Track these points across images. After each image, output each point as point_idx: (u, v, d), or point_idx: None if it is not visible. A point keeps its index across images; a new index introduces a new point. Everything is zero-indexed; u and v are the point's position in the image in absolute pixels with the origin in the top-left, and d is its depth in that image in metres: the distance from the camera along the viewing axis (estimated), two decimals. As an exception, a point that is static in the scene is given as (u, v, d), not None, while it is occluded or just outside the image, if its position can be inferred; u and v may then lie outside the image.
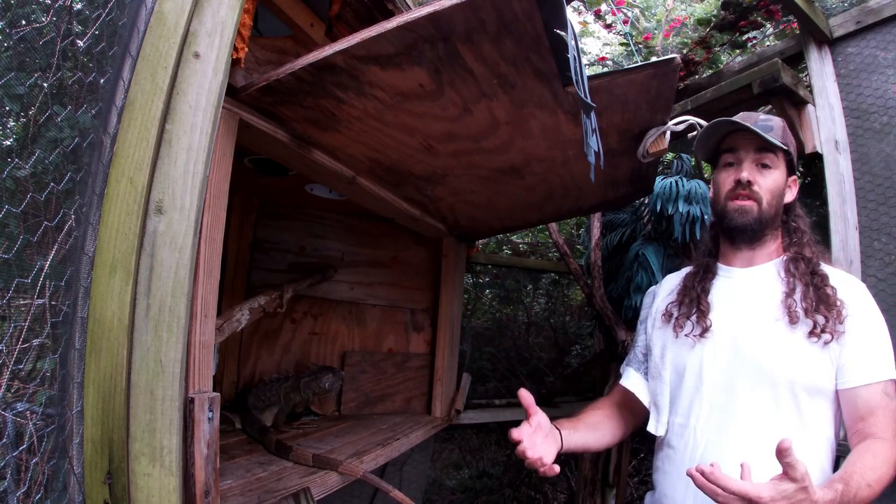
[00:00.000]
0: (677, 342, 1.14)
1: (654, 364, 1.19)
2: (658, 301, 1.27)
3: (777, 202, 1.13)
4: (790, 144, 1.14)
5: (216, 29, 0.82)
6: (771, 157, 1.12)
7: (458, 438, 3.78)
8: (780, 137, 1.11)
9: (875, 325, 1.03)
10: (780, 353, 1.02)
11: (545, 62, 0.85)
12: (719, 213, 1.17)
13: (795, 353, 1.01)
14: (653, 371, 1.20)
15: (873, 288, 1.72)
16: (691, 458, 1.05)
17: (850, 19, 1.86)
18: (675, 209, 2.10)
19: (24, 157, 0.65)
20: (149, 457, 0.72)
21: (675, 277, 1.30)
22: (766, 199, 1.11)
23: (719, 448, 1.03)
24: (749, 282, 1.14)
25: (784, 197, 1.15)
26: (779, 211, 1.14)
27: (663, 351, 1.17)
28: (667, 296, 1.25)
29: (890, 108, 1.75)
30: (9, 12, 0.65)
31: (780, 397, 1.00)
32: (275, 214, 1.96)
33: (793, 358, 1.01)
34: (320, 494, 1.19)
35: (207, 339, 0.85)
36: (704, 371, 1.07)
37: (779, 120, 1.15)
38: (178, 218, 0.77)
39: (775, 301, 1.07)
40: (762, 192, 1.11)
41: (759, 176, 1.12)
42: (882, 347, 1.01)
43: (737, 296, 1.13)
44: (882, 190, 1.75)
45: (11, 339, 0.64)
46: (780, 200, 1.14)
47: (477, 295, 3.79)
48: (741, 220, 1.12)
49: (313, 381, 1.74)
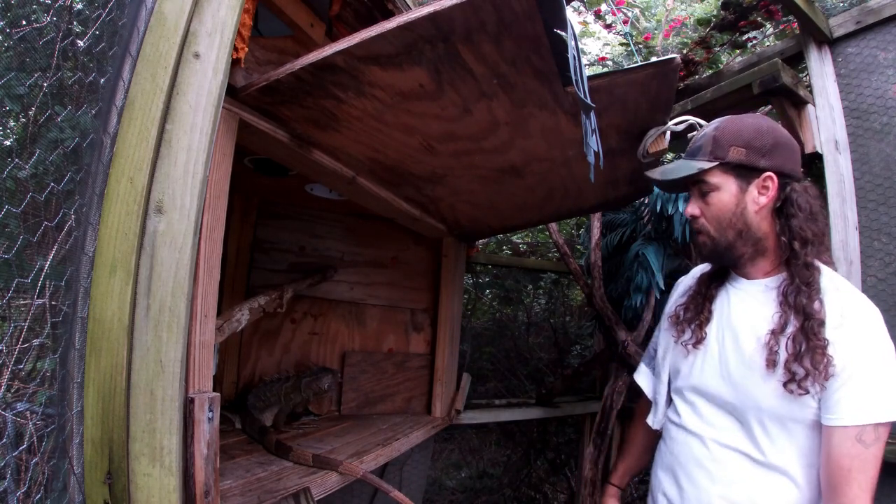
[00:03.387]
0: (676, 347, 1.15)
1: (658, 362, 1.22)
2: (671, 301, 1.28)
3: (731, 223, 1.01)
4: (729, 150, 0.99)
5: (216, 29, 0.82)
6: (707, 182, 1.02)
7: (458, 438, 3.78)
8: (708, 154, 1.01)
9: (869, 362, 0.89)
10: (750, 385, 0.97)
11: (545, 62, 0.85)
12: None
13: (766, 390, 0.95)
14: (656, 368, 1.23)
15: (873, 288, 1.72)
16: (671, 454, 1.10)
17: (849, 19, 1.86)
18: (675, 209, 2.10)
19: (24, 158, 0.65)
20: (149, 457, 0.72)
21: (690, 278, 1.26)
22: (714, 228, 1.03)
23: (688, 455, 1.06)
24: (747, 297, 1.06)
25: (746, 210, 1.00)
26: (743, 230, 1.01)
27: (665, 352, 1.19)
28: (679, 297, 1.23)
29: (890, 108, 1.75)
30: (9, 12, 0.65)
31: (746, 423, 0.98)
32: (275, 214, 1.96)
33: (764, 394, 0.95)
34: (320, 494, 1.19)
35: (207, 339, 0.85)
36: (693, 380, 1.08)
37: (711, 130, 1.03)
38: (178, 218, 0.77)
39: (763, 329, 0.98)
40: (708, 224, 1.04)
41: (704, 205, 1.04)
42: (871, 386, 0.88)
43: (734, 310, 1.06)
44: (882, 190, 1.75)
45: (11, 339, 0.64)
46: (738, 218, 1.00)
47: (477, 295, 3.79)
48: (703, 254, 1.09)
49: (314, 381, 1.74)
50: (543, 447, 3.59)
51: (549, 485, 3.61)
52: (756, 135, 0.99)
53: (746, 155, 0.99)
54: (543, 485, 3.57)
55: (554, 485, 3.65)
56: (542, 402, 2.71)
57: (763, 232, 1.01)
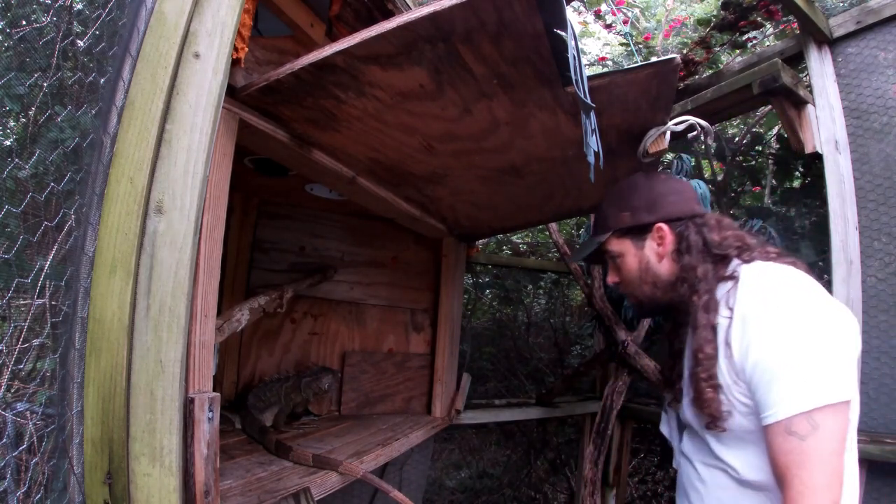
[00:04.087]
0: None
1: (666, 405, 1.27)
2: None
3: (642, 279, 1.07)
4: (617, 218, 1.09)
5: (216, 29, 0.82)
6: (610, 251, 1.11)
7: (458, 438, 3.78)
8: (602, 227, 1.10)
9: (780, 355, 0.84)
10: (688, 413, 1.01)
11: (545, 62, 0.85)
12: None
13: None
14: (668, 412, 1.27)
15: (873, 288, 1.72)
16: (679, 480, 1.13)
17: (850, 19, 1.86)
18: (675, 209, 2.09)
19: (24, 158, 0.65)
20: (149, 457, 0.72)
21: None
22: (634, 288, 1.10)
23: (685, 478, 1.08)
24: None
25: (650, 264, 1.06)
26: (655, 281, 1.06)
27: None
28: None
29: (890, 108, 1.75)
30: (9, 12, 0.65)
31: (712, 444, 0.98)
32: (275, 214, 1.96)
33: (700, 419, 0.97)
34: (320, 494, 1.19)
35: (207, 339, 0.85)
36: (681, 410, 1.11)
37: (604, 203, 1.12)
38: (178, 218, 0.77)
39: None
40: (627, 286, 1.11)
41: (618, 272, 1.12)
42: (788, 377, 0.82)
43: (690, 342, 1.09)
44: (882, 190, 1.75)
45: (11, 339, 0.64)
46: (647, 273, 1.07)
47: (477, 295, 3.79)
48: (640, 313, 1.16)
49: (314, 381, 1.74)
50: (543, 447, 3.60)
51: (549, 485, 3.61)
52: (635, 195, 1.09)
53: (632, 217, 1.07)
54: (543, 485, 3.57)
55: (554, 485, 3.65)
56: (542, 402, 2.71)
57: (675, 275, 1.04)
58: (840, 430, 0.80)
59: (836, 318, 0.86)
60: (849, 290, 1.75)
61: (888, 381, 1.65)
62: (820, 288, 0.91)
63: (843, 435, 0.80)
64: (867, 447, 1.54)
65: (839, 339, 0.84)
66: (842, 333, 0.85)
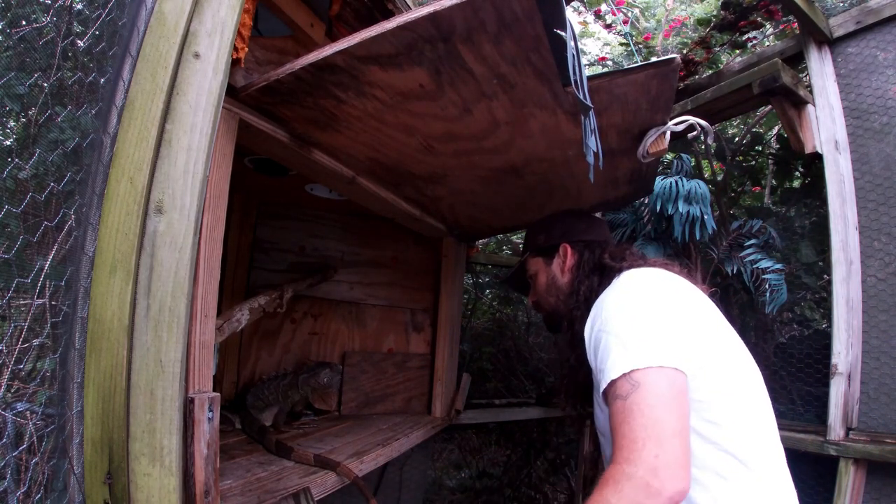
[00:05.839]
0: None
1: None
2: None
3: (548, 292, 1.26)
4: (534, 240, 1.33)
5: (216, 29, 0.82)
6: (528, 271, 1.32)
7: (458, 438, 3.78)
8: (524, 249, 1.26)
9: (604, 333, 0.89)
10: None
11: (545, 62, 0.85)
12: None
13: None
14: None
15: (873, 288, 1.72)
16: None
17: (849, 19, 1.86)
18: (675, 209, 2.10)
19: (24, 158, 0.65)
20: (149, 457, 0.72)
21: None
22: (543, 302, 1.28)
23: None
24: None
25: (556, 279, 1.25)
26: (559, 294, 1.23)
27: None
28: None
29: (890, 108, 1.75)
30: (9, 12, 0.65)
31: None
32: (275, 214, 1.96)
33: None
34: (320, 494, 1.19)
35: (207, 339, 0.85)
36: None
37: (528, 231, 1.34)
38: (178, 218, 0.77)
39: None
40: (539, 302, 1.30)
41: (534, 290, 1.31)
42: (609, 349, 0.85)
43: None
44: (882, 190, 1.75)
45: (11, 339, 0.64)
46: (552, 287, 1.25)
47: (477, 295, 3.78)
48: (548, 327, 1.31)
49: (311, 377, 1.74)
50: (543, 447, 3.59)
51: (549, 485, 3.61)
52: (548, 220, 1.35)
53: (545, 239, 1.30)
54: (543, 485, 3.57)
55: (554, 485, 3.65)
56: (542, 401, 2.71)
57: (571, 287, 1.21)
58: (667, 391, 0.78)
59: (673, 299, 0.93)
60: (849, 290, 1.75)
61: (888, 381, 1.65)
62: (675, 279, 1.00)
63: (672, 396, 0.78)
64: (867, 447, 1.54)
65: (671, 314, 0.89)
66: (677, 311, 0.91)
